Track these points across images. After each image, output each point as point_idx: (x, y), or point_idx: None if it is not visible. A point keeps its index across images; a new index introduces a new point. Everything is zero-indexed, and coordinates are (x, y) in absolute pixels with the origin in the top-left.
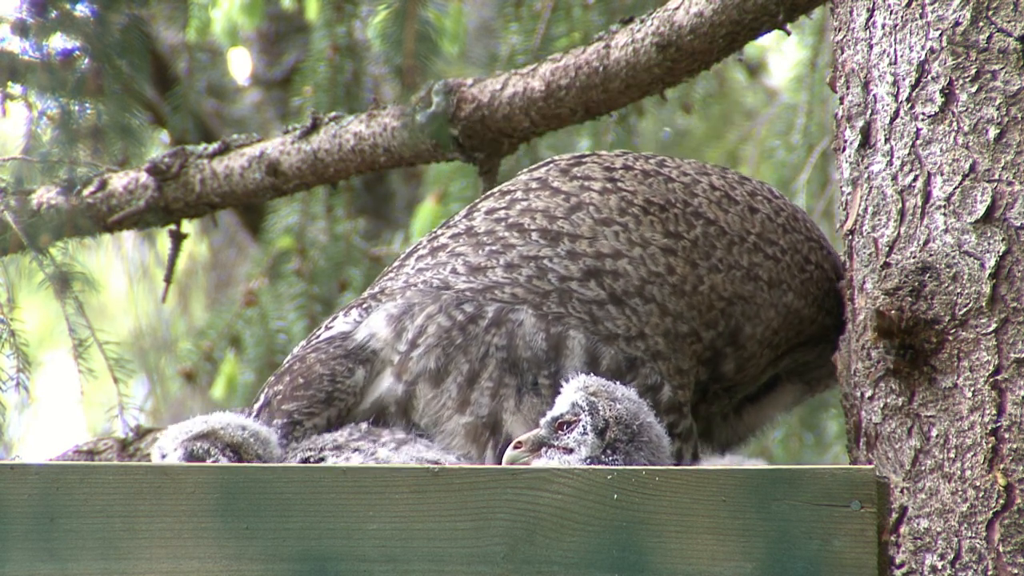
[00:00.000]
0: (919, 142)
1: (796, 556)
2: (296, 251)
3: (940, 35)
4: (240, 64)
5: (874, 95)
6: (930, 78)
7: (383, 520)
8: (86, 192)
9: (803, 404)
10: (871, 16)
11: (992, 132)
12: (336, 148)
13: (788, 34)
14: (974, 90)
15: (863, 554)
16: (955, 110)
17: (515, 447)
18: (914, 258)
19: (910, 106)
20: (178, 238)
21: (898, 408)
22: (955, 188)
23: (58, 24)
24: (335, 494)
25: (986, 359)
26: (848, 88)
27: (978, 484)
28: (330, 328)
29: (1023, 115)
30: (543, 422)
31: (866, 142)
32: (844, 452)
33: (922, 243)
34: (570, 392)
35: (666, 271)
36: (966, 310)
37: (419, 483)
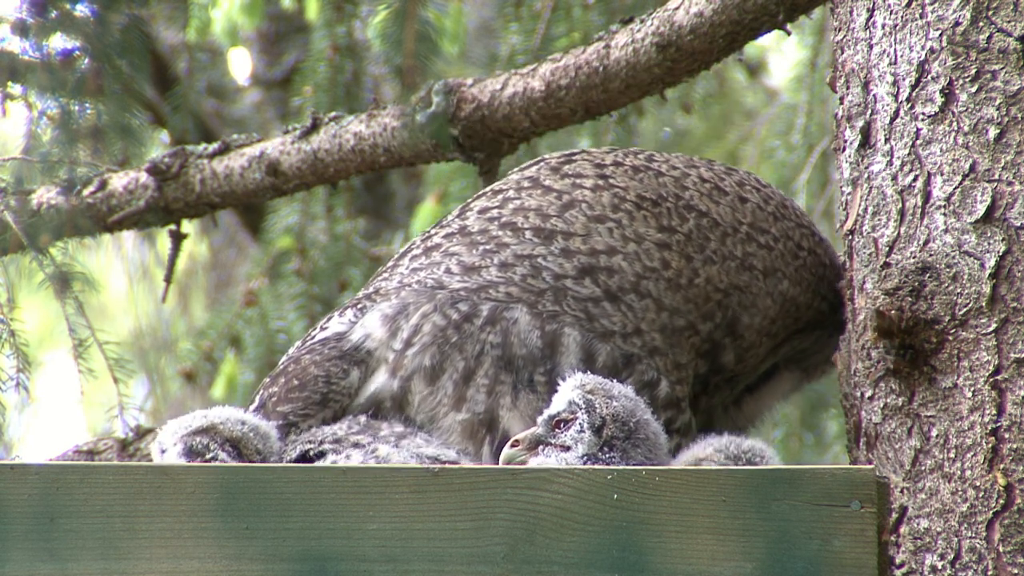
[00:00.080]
0: (919, 142)
1: (796, 556)
2: (296, 251)
3: (940, 35)
4: (240, 64)
5: (874, 95)
6: (930, 78)
7: (383, 520)
8: (86, 192)
9: (803, 403)
10: (871, 16)
11: (992, 132)
12: (336, 148)
13: (788, 34)
14: (974, 90)
15: (863, 554)
16: (955, 110)
17: (512, 445)
18: (914, 258)
19: (910, 106)
20: (178, 238)
21: (898, 408)
22: (955, 188)
23: (58, 24)
24: (335, 494)
25: (986, 359)
26: (848, 88)
27: (978, 484)
28: (325, 329)
29: (1023, 115)
30: (540, 420)
31: (866, 142)
32: (844, 452)
33: (922, 243)
34: (567, 390)
35: (661, 266)
36: (966, 310)
37: (419, 483)
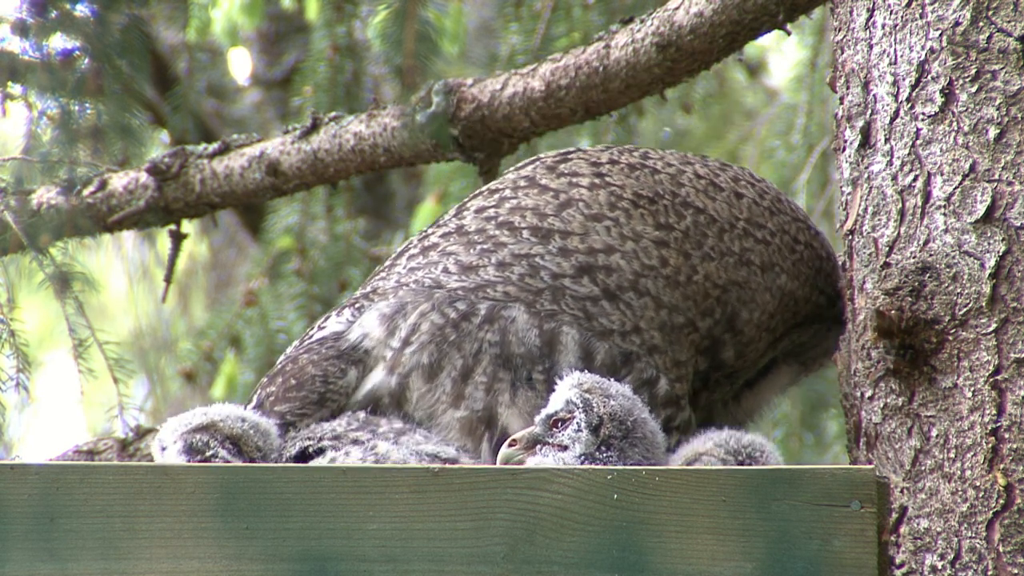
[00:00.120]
0: (919, 142)
1: (796, 556)
2: (296, 251)
3: (940, 35)
4: (240, 64)
5: (874, 95)
6: (930, 78)
7: (383, 520)
8: (86, 192)
9: (803, 403)
10: (871, 16)
11: (992, 132)
12: (336, 148)
13: (788, 34)
14: (974, 90)
15: (863, 554)
16: (955, 110)
17: (509, 445)
18: (914, 258)
19: (910, 106)
20: (178, 238)
21: (898, 408)
22: (955, 188)
23: (58, 24)
24: (335, 494)
25: (986, 359)
26: (848, 88)
27: (978, 484)
28: (322, 328)
29: (1023, 115)
30: (537, 420)
31: (866, 142)
32: (844, 452)
33: (922, 243)
34: (564, 389)
35: (659, 263)
36: (966, 310)
37: (419, 483)
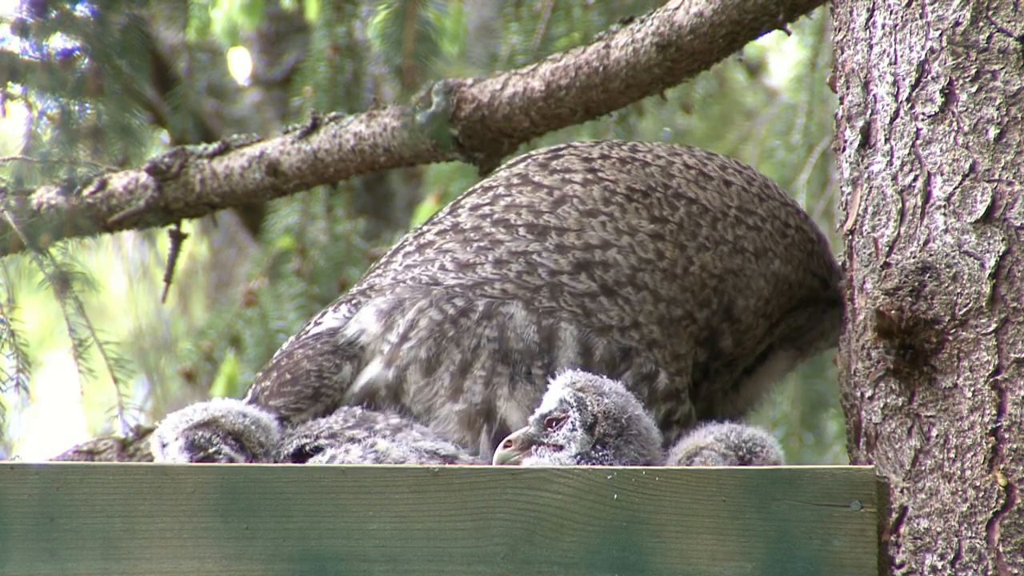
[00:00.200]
0: (919, 142)
1: (796, 556)
2: (296, 251)
3: (940, 35)
4: (240, 64)
5: (874, 95)
6: (930, 78)
7: (383, 520)
8: (86, 192)
9: (803, 403)
10: (871, 16)
11: (992, 132)
12: (336, 148)
13: (788, 34)
14: (974, 90)
15: (863, 554)
16: (955, 110)
17: (505, 446)
18: (914, 258)
19: (910, 106)
20: (178, 238)
21: (898, 408)
22: (955, 188)
23: (58, 24)
24: (335, 494)
25: (986, 359)
26: (848, 88)
27: (978, 484)
28: (319, 324)
29: (1023, 115)
30: (532, 420)
31: (866, 142)
32: (844, 452)
33: (922, 243)
34: (557, 389)
35: (656, 256)
36: (966, 310)
37: (419, 483)
